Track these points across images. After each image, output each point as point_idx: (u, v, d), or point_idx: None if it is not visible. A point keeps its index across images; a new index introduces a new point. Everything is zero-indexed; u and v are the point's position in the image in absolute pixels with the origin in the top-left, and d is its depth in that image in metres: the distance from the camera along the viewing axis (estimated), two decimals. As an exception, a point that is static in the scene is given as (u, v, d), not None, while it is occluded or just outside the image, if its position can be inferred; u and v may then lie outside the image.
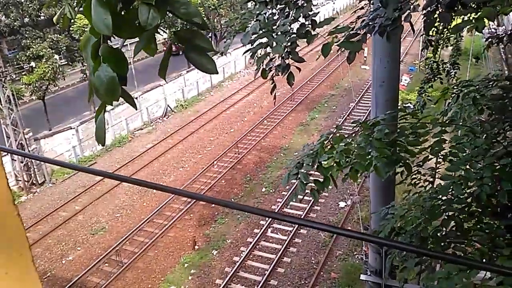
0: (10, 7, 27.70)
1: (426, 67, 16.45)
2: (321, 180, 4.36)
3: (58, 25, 26.04)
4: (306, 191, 4.46)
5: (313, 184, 4.43)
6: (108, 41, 1.69)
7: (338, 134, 4.59)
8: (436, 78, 15.74)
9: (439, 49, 16.10)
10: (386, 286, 8.54)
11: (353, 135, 4.54)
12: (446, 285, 3.10)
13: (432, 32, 9.79)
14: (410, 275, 4.45)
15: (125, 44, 1.79)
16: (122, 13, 1.67)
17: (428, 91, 16.28)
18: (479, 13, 3.30)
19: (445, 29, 15.01)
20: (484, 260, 3.89)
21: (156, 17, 1.55)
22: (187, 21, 1.67)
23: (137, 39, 1.75)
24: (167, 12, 1.64)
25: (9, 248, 1.68)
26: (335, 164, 4.25)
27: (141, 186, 1.71)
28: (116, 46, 1.67)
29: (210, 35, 37.66)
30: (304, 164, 4.50)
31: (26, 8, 27.70)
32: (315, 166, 4.42)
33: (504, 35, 9.09)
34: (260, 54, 4.67)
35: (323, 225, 1.58)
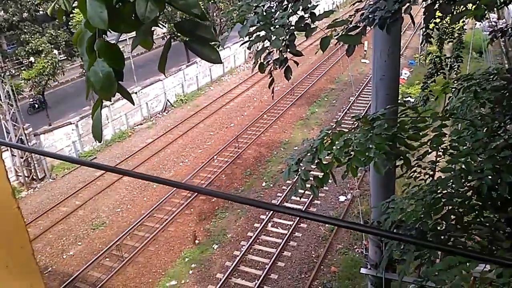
0: (9, 1, 27.56)
1: (429, 62, 16.44)
2: (320, 176, 4.36)
3: (57, 20, 26.00)
4: (307, 185, 4.46)
5: (312, 179, 4.45)
6: (104, 35, 1.66)
7: (337, 130, 4.57)
8: (439, 73, 15.72)
9: (444, 44, 16.11)
10: (386, 279, 8.56)
11: (353, 130, 4.52)
12: (445, 277, 3.11)
13: (432, 27, 9.70)
14: (410, 268, 4.45)
15: (124, 38, 1.77)
16: (118, 6, 1.63)
17: (431, 86, 16.27)
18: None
19: (445, 22, 14.97)
20: (484, 253, 3.89)
21: (154, 10, 1.51)
22: (186, 13, 1.64)
23: (134, 33, 1.72)
24: (166, 5, 1.61)
25: (9, 241, 1.68)
26: (334, 160, 4.25)
27: (144, 179, 1.71)
28: (112, 41, 1.64)
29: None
30: (304, 161, 4.50)
31: (25, 3, 27.58)
32: (315, 162, 4.42)
33: (507, 28, 8.99)
34: (258, 47, 4.62)
35: (325, 218, 1.57)
